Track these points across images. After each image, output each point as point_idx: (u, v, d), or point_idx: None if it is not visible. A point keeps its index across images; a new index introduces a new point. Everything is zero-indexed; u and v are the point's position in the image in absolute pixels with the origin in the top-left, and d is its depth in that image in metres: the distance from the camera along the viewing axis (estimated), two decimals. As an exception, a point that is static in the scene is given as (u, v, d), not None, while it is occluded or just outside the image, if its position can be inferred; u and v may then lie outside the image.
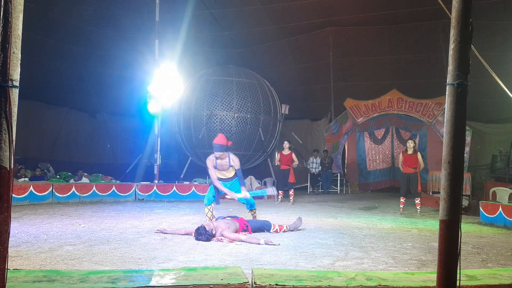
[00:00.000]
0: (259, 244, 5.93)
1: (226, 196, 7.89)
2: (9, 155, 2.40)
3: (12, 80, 2.43)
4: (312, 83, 18.66)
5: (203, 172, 15.78)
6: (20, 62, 2.49)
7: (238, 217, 7.03)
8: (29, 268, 4.34)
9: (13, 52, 2.42)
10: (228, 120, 15.13)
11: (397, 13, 14.93)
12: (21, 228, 6.86)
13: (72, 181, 12.41)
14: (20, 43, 2.48)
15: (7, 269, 2.54)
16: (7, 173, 2.42)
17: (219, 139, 7.60)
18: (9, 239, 2.60)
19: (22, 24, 2.53)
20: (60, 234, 6.50)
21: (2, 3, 2.42)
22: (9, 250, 2.63)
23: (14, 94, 2.45)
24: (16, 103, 2.49)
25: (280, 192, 12.46)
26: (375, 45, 16.65)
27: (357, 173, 17.15)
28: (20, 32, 2.47)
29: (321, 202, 12.74)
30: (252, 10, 15.80)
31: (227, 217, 7.02)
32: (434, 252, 4.63)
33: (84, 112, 18.40)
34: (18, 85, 2.47)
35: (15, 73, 2.44)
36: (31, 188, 10.63)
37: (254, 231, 6.79)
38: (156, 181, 12.71)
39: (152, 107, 12.91)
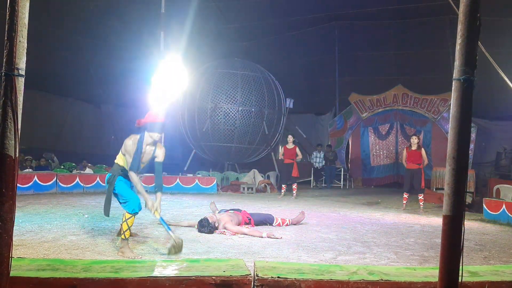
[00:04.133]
0: (262, 237, 5.94)
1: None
2: (14, 143, 2.41)
3: (18, 69, 2.43)
4: (317, 77, 18.62)
5: (207, 165, 15.82)
6: (26, 51, 2.49)
7: (241, 210, 7.05)
8: (32, 257, 4.36)
9: (19, 41, 2.42)
10: (233, 113, 15.11)
11: (404, 7, 14.84)
12: (25, 218, 6.89)
13: (75, 171, 12.43)
14: (26, 32, 2.47)
15: (11, 257, 2.56)
16: (12, 162, 2.43)
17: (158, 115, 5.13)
18: (14, 228, 2.61)
19: (29, 14, 2.53)
20: (64, 224, 6.53)
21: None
22: (13, 239, 2.64)
23: (20, 82, 2.45)
24: (22, 91, 2.49)
25: (283, 186, 12.49)
26: (381, 39, 16.58)
27: (361, 168, 17.13)
28: (26, 21, 2.46)
29: (324, 197, 12.74)
30: (257, 3, 15.74)
31: (230, 210, 7.03)
32: (437, 248, 4.62)
33: (89, 103, 18.43)
34: (24, 74, 2.47)
35: (21, 62, 2.44)
36: (36, 177, 10.68)
37: (257, 225, 6.81)
38: (160, 173, 12.72)
39: (157, 99, 12.88)
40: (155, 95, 12.91)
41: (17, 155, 2.44)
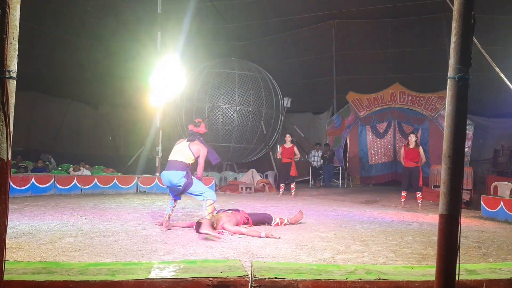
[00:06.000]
0: (260, 237, 5.93)
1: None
2: (7, 146, 2.39)
3: (9, 71, 2.40)
4: (315, 76, 18.59)
5: (205, 165, 15.79)
6: (17, 53, 2.46)
7: (239, 210, 7.04)
8: (30, 260, 4.34)
9: (11, 43, 2.40)
10: (230, 113, 15.10)
11: (400, 6, 14.82)
12: (22, 220, 6.88)
13: (71, 170, 12.39)
14: (18, 34, 2.45)
15: (5, 261, 2.54)
16: (5, 165, 2.41)
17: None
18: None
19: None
20: (61, 226, 6.51)
21: (-1, -7, 2.39)
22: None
23: (12, 85, 2.42)
24: (14, 94, 2.46)
25: (281, 185, 12.48)
26: (378, 38, 16.56)
27: (359, 167, 17.13)
28: (17, 22, 2.44)
29: (323, 196, 12.74)
30: (255, 2, 15.71)
31: (228, 210, 7.02)
32: (435, 246, 4.60)
33: (87, 104, 18.37)
34: (15, 76, 2.44)
35: (13, 64, 2.42)
36: (33, 179, 10.65)
37: (255, 224, 6.80)
38: (157, 174, 12.71)
39: (154, 100, 12.86)
40: (152, 95, 12.90)
41: (9, 159, 2.42)
